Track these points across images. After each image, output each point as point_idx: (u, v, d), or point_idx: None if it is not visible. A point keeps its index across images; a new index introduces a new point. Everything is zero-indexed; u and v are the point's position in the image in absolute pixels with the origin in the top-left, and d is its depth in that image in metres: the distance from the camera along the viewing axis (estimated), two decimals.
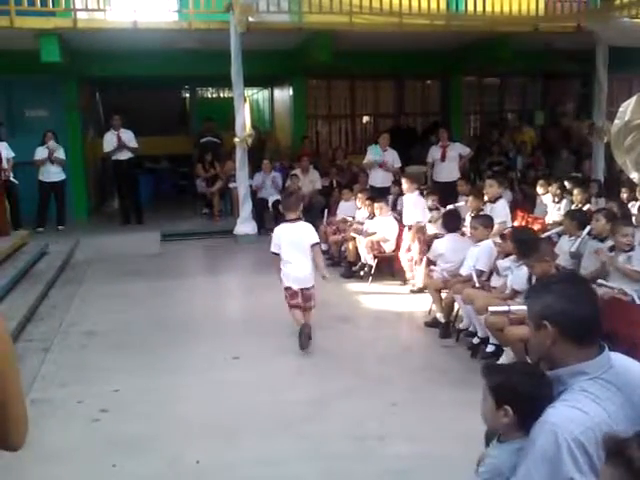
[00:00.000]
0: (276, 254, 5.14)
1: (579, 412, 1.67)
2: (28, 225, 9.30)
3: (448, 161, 9.85)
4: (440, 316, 5.49)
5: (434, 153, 9.98)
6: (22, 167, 9.78)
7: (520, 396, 2.03)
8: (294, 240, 5.09)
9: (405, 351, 5.15)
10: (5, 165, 9.08)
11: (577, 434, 1.63)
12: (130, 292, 6.95)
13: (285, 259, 5.10)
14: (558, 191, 7.68)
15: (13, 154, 9.48)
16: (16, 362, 1.34)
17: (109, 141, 10.26)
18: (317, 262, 5.20)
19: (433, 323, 5.56)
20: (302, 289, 5.12)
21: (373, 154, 9.75)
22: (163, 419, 3.95)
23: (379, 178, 9.58)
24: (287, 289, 5.15)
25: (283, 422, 3.87)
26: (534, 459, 1.69)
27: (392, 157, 9.73)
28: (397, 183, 8.97)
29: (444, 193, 8.56)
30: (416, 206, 7.13)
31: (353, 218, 8.04)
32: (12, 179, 9.43)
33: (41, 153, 9.90)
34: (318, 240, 5.27)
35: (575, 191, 7.28)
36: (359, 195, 8.06)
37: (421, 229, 6.67)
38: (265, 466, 3.40)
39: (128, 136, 10.28)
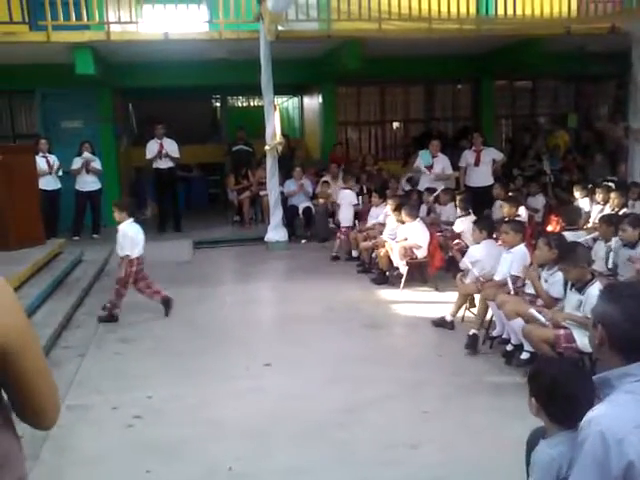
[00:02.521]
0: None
1: (625, 412, 1.63)
2: (64, 234, 9.49)
3: (482, 166, 9.73)
4: (450, 318, 5.62)
5: (468, 158, 9.85)
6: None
7: (543, 391, 2.15)
8: (347, 199, 9.16)
9: (438, 357, 5.09)
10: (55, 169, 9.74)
11: (626, 434, 1.59)
12: None
13: (341, 209, 9.17)
14: (601, 195, 7.50)
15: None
16: (35, 337, 1.34)
17: (151, 149, 10.44)
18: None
19: (440, 322, 5.65)
20: (347, 226, 8.77)
21: (423, 160, 9.73)
22: (196, 425, 3.98)
23: (427, 184, 9.51)
24: (343, 227, 8.87)
25: (316, 429, 3.85)
26: (583, 464, 1.67)
27: (443, 163, 9.68)
28: (432, 191, 8.91)
29: (477, 198, 8.47)
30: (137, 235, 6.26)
31: (384, 225, 8.01)
32: (60, 171, 9.92)
33: (78, 163, 10.14)
34: (357, 202, 9.29)
35: (612, 195, 7.13)
36: (389, 201, 8.02)
37: (131, 262, 6.12)
38: (298, 473, 3.39)
39: (171, 146, 10.45)
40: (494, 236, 5.84)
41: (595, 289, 3.96)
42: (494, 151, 10.08)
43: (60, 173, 9.88)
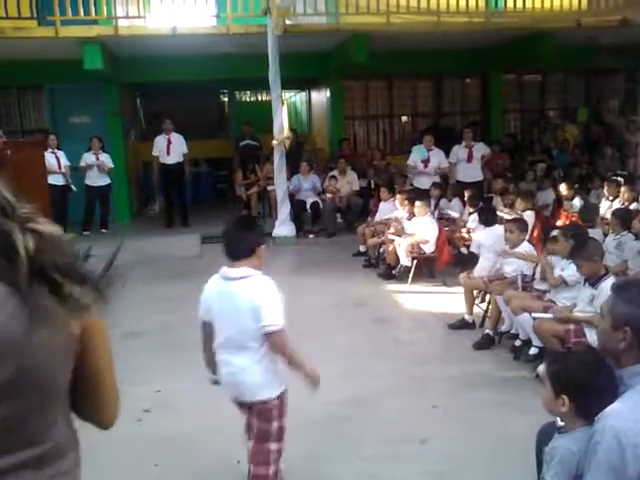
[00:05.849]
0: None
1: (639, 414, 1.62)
2: (73, 228, 9.53)
3: (474, 162, 9.72)
4: (469, 317, 5.49)
5: (459, 154, 9.80)
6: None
7: (577, 386, 2.03)
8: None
9: (445, 352, 5.08)
10: (64, 170, 9.85)
11: None
12: (172, 294, 7.03)
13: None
14: (611, 190, 7.42)
15: (69, 163, 10.01)
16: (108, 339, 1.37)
17: (160, 144, 10.47)
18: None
19: (458, 325, 5.49)
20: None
21: (417, 155, 9.66)
22: (204, 419, 3.99)
23: (424, 180, 9.45)
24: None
25: (323, 423, 3.86)
26: (598, 468, 1.64)
27: (438, 157, 9.63)
28: (438, 185, 8.88)
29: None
30: None
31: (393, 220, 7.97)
32: (72, 186, 10.03)
33: (87, 159, 10.18)
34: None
35: (622, 189, 7.09)
36: (398, 196, 8.00)
37: None
38: (305, 466, 3.39)
39: (179, 140, 10.47)
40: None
41: (609, 284, 3.92)
42: (483, 146, 10.08)
43: (70, 181, 9.97)
